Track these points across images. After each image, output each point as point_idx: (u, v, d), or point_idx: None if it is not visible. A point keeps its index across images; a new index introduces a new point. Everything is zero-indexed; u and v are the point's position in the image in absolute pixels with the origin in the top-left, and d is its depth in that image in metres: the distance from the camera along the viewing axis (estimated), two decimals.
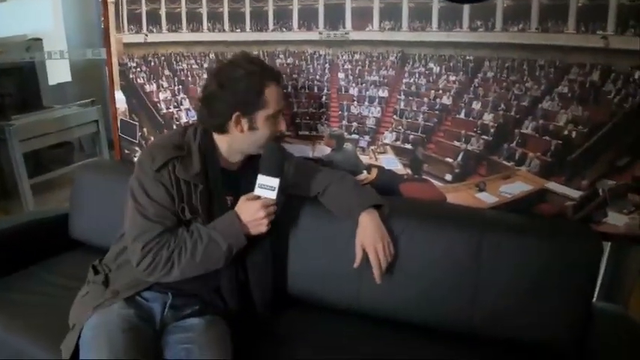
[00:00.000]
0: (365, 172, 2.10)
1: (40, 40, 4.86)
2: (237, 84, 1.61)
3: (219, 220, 1.64)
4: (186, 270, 1.61)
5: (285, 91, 2.15)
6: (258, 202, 1.61)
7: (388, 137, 2.04)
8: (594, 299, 1.74)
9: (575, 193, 1.78)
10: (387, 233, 1.73)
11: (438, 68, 1.89)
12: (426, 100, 1.94)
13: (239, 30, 2.23)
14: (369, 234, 1.70)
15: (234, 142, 1.70)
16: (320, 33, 2.06)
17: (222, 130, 1.67)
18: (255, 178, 1.63)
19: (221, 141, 1.71)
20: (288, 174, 1.81)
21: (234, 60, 1.69)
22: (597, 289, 1.75)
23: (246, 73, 1.60)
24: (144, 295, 1.68)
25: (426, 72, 1.91)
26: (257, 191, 1.63)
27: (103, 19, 2.64)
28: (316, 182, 1.87)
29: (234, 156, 1.74)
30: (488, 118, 1.85)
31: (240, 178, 1.74)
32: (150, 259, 1.58)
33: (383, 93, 2.01)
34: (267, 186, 1.61)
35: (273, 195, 1.62)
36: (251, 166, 1.73)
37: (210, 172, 1.68)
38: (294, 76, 2.15)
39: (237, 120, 1.63)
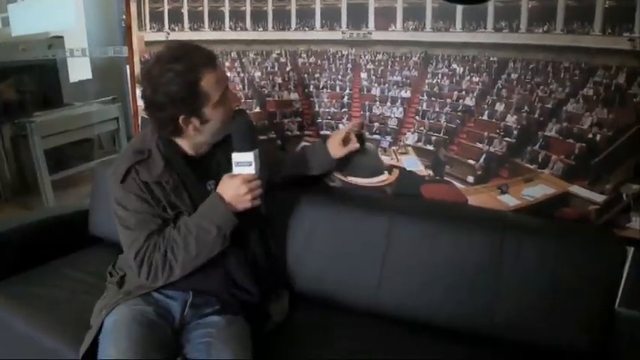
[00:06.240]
0: (386, 172, 2.09)
1: (62, 37, 4.92)
2: (169, 88, 1.52)
3: (202, 206, 1.62)
4: (186, 265, 1.61)
5: (306, 90, 2.16)
6: (238, 178, 1.57)
7: (410, 138, 2.03)
8: (616, 305, 1.72)
9: (599, 197, 1.75)
10: None
11: (462, 69, 1.88)
12: (448, 101, 1.93)
13: (261, 29, 2.23)
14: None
15: (194, 140, 1.66)
16: (342, 33, 2.05)
17: (178, 134, 1.64)
18: (229, 152, 1.60)
19: (182, 142, 1.68)
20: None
21: (160, 58, 1.57)
22: (620, 295, 1.72)
23: (174, 75, 1.51)
24: (165, 292, 1.68)
25: (450, 73, 1.90)
26: (235, 170, 1.59)
27: (125, 17, 2.66)
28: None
29: (201, 147, 1.71)
30: (511, 120, 1.83)
31: (212, 159, 1.73)
32: (146, 267, 1.59)
33: (405, 93, 2.00)
34: (243, 162, 1.58)
35: (251, 170, 1.58)
36: (222, 143, 1.71)
37: (175, 165, 1.66)
38: (316, 75, 2.15)
39: (186, 122, 1.58)
